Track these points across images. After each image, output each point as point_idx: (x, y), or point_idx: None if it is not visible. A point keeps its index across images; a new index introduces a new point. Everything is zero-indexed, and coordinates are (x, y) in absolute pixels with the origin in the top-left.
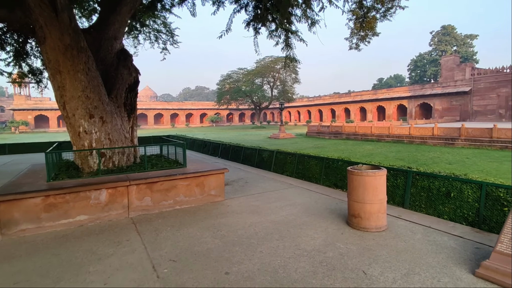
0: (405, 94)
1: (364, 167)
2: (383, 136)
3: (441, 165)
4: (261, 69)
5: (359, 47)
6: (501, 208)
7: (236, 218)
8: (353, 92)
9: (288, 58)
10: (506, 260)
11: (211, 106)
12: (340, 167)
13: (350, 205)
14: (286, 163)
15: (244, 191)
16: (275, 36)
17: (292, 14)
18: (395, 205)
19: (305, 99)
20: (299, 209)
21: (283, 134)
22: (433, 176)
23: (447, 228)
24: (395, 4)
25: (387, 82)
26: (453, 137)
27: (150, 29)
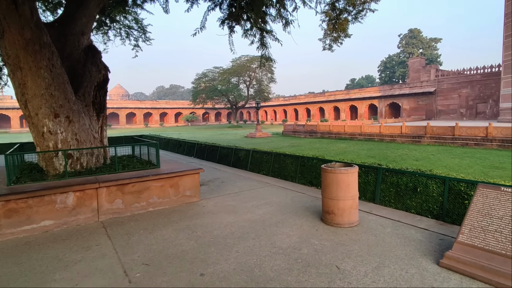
0: (376, 94)
1: (337, 165)
2: (356, 135)
3: (408, 162)
4: (237, 68)
5: (332, 48)
6: (462, 201)
7: (212, 219)
8: (327, 92)
9: (263, 57)
10: (467, 250)
11: (186, 105)
12: (314, 165)
13: (324, 202)
14: (262, 162)
15: (220, 191)
16: (250, 35)
17: (267, 14)
18: (367, 201)
19: (281, 99)
20: (275, 208)
21: (259, 133)
22: (401, 172)
23: (414, 221)
24: (366, 7)
25: (359, 83)
26: (419, 135)
27: (121, 25)
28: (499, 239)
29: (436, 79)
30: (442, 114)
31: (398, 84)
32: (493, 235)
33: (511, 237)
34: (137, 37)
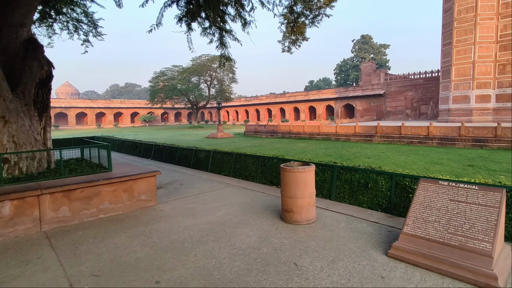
0: (332, 96)
1: (295, 164)
2: (314, 134)
3: (361, 159)
4: (197, 67)
5: (291, 50)
6: (407, 195)
7: (169, 223)
8: (287, 93)
9: (223, 57)
10: (411, 240)
11: (143, 104)
12: (275, 164)
13: (283, 200)
14: (223, 163)
15: (178, 193)
16: (209, 34)
17: (226, 13)
18: (323, 198)
19: (242, 99)
20: (235, 208)
21: (221, 133)
22: (354, 169)
23: (366, 215)
24: (322, 12)
25: (317, 84)
26: (371, 134)
27: (68, 18)
28: (438, 228)
29: (385, 82)
30: (391, 115)
31: (352, 87)
32: (432, 225)
33: (447, 226)
34: (87, 32)
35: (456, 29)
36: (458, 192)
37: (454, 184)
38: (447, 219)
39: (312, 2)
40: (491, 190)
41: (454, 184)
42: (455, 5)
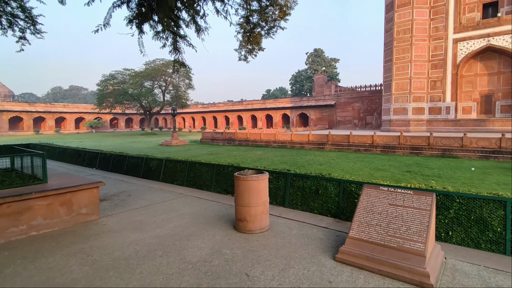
0: (288, 105)
1: (249, 172)
2: (271, 142)
3: (314, 166)
4: (151, 71)
5: (247, 59)
6: (353, 200)
7: (113, 238)
8: (245, 101)
9: (176, 62)
10: (356, 243)
11: (90, 109)
12: (230, 173)
13: (237, 209)
14: (176, 172)
15: (125, 205)
16: (162, 38)
17: (180, 18)
18: (277, 205)
19: (199, 106)
20: (187, 220)
21: (176, 141)
22: (306, 176)
23: (317, 221)
24: (276, 24)
25: (274, 94)
26: (323, 142)
27: (1, 11)
28: (379, 231)
29: (336, 94)
30: (341, 124)
31: (307, 97)
32: (374, 228)
33: (387, 229)
34: (24, 28)
35: (396, 48)
36: (396, 197)
37: (393, 189)
38: (387, 223)
39: (267, 14)
40: (423, 195)
41: (393, 189)
42: (395, 26)
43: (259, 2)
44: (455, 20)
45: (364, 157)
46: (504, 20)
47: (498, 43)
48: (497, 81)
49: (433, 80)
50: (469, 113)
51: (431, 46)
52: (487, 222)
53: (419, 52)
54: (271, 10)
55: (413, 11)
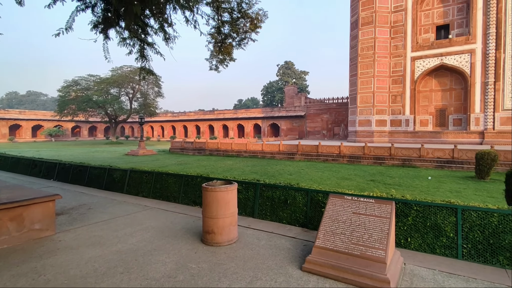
0: (260, 115)
1: (218, 183)
2: (242, 152)
3: (284, 176)
4: (117, 78)
5: (219, 69)
6: (320, 209)
7: (69, 255)
8: (216, 110)
9: (143, 70)
10: (322, 253)
11: (50, 116)
12: (199, 183)
13: (205, 221)
14: (141, 183)
15: (85, 220)
16: (128, 45)
17: (148, 25)
18: (246, 216)
19: (169, 114)
20: (152, 233)
21: (143, 150)
22: (275, 186)
23: (285, 231)
24: (248, 36)
25: (246, 104)
26: (293, 152)
27: None
28: (344, 240)
29: (306, 105)
30: (310, 134)
31: (278, 108)
32: (339, 237)
33: (351, 237)
34: None
35: (360, 63)
36: (359, 205)
37: (356, 198)
38: (351, 231)
39: (238, 26)
40: (384, 203)
41: (356, 198)
42: (359, 43)
43: (231, 14)
44: (412, 40)
45: (332, 166)
46: (454, 41)
47: (450, 62)
48: (449, 96)
49: (394, 94)
50: (426, 126)
51: (392, 63)
52: (441, 228)
53: (381, 68)
54: (242, 22)
55: (375, 30)
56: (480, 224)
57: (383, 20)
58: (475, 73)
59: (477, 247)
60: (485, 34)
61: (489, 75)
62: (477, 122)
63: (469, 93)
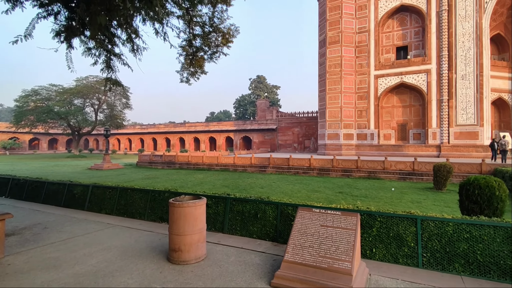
0: (232, 128)
1: (186, 198)
2: (213, 165)
3: (256, 189)
4: (82, 88)
5: (190, 82)
6: (290, 222)
7: (19, 280)
8: (188, 123)
9: (109, 80)
10: (291, 267)
11: (5, 128)
12: (166, 198)
13: (171, 239)
14: (104, 199)
15: (39, 240)
16: (94, 55)
17: (115, 35)
18: (216, 231)
19: (137, 127)
20: (114, 253)
21: (108, 164)
22: (245, 200)
23: (255, 246)
24: (219, 50)
25: (218, 116)
26: (265, 165)
27: None
28: (312, 253)
29: (277, 118)
30: (282, 147)
31: (250, 121)
32: (308, 250)
33: (319, 250)
34: None
35: (328, 80)
36: (327, 218)
37: (324, 211)
38: (319, 244)
39: (210, 39)
40: (349, 215)
41: (324, 210)
42: (327, 61)
43: (202, 27)
44: (375, 59)
45: (302, 179)
46: (412, 62)
47: (409, 81)
48: (409, 112)
49: (360, 109)
50: (389, 139)
51: (357, 80)
52: (403, 238)
53: (348, 85)
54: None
55: (341, 49)
56: (437, 233)
57: (348, 40)
58: (431, 91)
59: (435, 256)
60: (439, 56)
61: (444, 93)
62: (434, 137)
63: (427, 109)
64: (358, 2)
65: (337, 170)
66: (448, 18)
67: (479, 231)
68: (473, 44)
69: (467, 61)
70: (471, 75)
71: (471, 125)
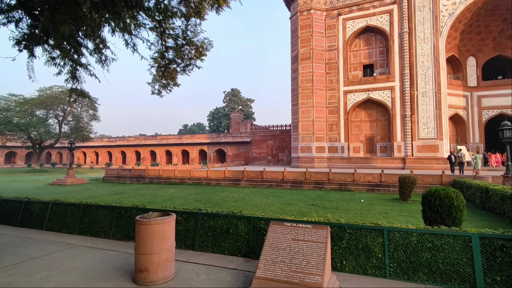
0: (205, 141)
1: (154, 215)
2: (185, 179)
3: (229, 203)
4: (46, 99)
5: (161, 94)
6: (262, 237)
7: None
8: (159, 135)
9: (74, 91)
10: (262, 283)
11: None
12: (134, 215)
13: (137, 258)
14: (66, 217)
15: None
16: (58, 65)
17: (82, 45)
18: (186, 249)
19: (105, 139)
20: (75, 276)
21: (71, 179)
22: (217, 216)
23: (226, 263)
24: (193, 63)
25: (191, 129)
26: (238, 179)
27: None
28: (283, 268)
29: (251, 131)
30: (256, 160)
31: (224, 134)
32: (279, 265)
33: (290, 265)
34: None
35: (301, 94)
36: (298, 232)
37: (295, 225)
38: (290, 258)
39: (183, 52)
40: (320, 228)
41: (295, 224)
42: (299, 76)
43: (175, 40)
44: (344, 76)
45: (276, 192)
46: (378, 79)
47: (375, 97)
48: (376, 126)
49: (330, 123)
50: (358, 152)
51: (328, 95)
52: (371, 250)
53: (319, 99)
54: (187, 49)
55: (313, 65)
56: (403, 243)
57: (319, 57)
58: (396, 107)
59: (401, 266)
60: (401, 74)
61: (407, 108)
62: (399, 149)
63: (392, 124)
64: (327, 22)
65: (309, 182)
66: (409, 39)
67: (440, 241)
68: (432, 64)
69: (426, 80)
70: (431, 92)
71: (432, 138)
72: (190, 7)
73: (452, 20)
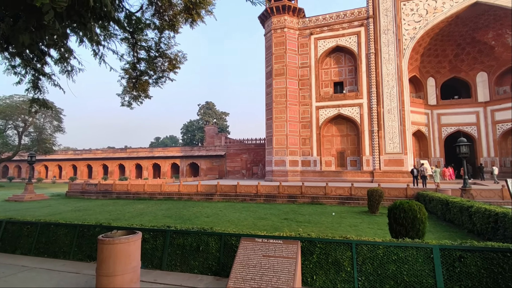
0: (178, 154)
1: (118, 233)
2: (156, 194)
3: (201, 219)
4: (4, 108)
5: (132, 106)
6: (233, 254)
7: None
8: (129, 148)
9: (35, 102)
10: None
11: None
12: (97, 234)
13: (99, 280)
14: (21, 237)
15: None
16: (19, 74)
17: (47, 54)
18: (153, 268)
19: (70, 152)
20: None
21: (30, 195)
22: (187, 233)
23: (195, 282)
24: (166, 75)
25: (164, 142)
26: (211, 193)
27: None
28: (253, 286)
29: (226, 145)
30: (230, 174)
31: (198, 147)
32: (249, 283)
33: (261, 282)
34: None
35: (275, 109)
36: (269, 248)
37: (266, 240)
38: (260, 275)
39: (156, 64)
40: (291, 243)
41: (266, 240)
42: (273, 91)
43: (148, 52)
44: (316, 92)
45: (249, 206)
46: (347, 96)
47: (345, 113)
48: (346, 141)
49: (303, 137)
50: (330, 166)
51: (301, 110)
52: (340, 263)
53: (292, 114)
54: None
55: (286, 81)
56: (370, 256)
57: (292, 73)
58: (364, 123)
59: (369, 279)
60: (369, 92)
61: (374, 124)
62: (368, 163)
63: (361, 138)
64: (300, 40)
65: (283, 196)
66: (375, 59)
67: (405, 253)
68: (396, 83)
69: (391, 98)
70: (395, 109)
71: (397, 153)
72: (164, 20)
73: (414, 44)
